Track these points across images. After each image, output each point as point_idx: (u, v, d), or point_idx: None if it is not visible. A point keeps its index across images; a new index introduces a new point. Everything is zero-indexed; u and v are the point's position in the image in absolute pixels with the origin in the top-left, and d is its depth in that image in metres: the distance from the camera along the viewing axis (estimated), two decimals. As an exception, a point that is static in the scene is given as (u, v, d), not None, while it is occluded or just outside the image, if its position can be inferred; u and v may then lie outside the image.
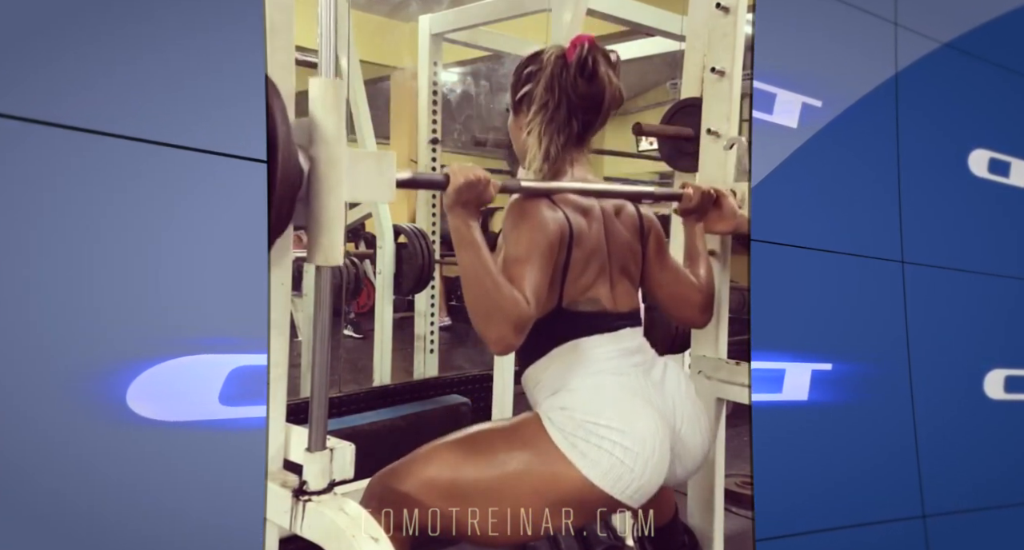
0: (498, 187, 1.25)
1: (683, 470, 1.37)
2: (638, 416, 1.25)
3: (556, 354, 1.33)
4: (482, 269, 1.19)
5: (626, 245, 1.42)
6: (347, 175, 1.11)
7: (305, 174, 1.10)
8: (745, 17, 1.70)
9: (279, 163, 1.04)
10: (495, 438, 1.28)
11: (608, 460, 1.21)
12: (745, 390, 1.54)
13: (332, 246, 1.10)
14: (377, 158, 1.16)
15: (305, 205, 1.11)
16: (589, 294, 1.34)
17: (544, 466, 1.22)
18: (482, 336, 1.19)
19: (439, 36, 3.19)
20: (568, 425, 1.23)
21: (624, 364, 1.33)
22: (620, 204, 1.45)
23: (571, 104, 1.33)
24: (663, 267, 1.48)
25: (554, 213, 1.30)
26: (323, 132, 1.10)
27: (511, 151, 1.59)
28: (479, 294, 1.19)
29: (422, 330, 3.27)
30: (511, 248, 1.25)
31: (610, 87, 1.35)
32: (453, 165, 1.23)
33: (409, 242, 2.99)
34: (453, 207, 1.22)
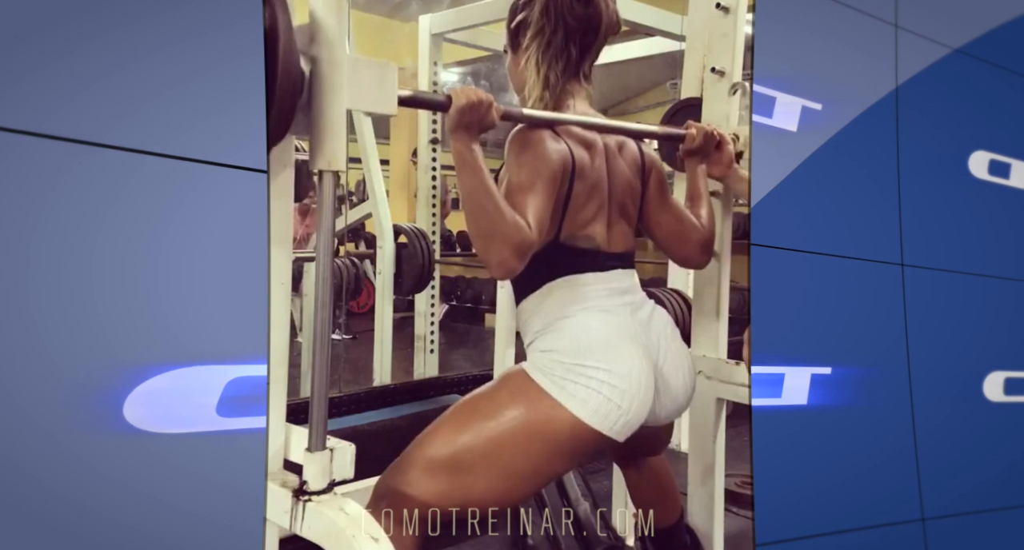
0: (501, 111, 1.24)
1: (663, 410, 1.37)
2: (624, 354, 1.26)
3: (549, 288, 1.33)
4: (484, 192, 1.18)
5: (627, 182, 1.41)
6: (349, 81, 1.09)
7: (306, 79, 1.09)
8: (745, 17, 1.70)
9: (279, 59, 1.02)
10: (482, 402, 1.28)
11: (596, 398, 1.22)
12: (745, 390, 1.54)
13: (335, 151, 1.09)
14: (379, 67, 1.14)
15: (306, 114, 1.10)
16: (586, 230, 1.34)
17: (536, 413, 1.23)
18: (483, 259, 1.19)
19: (439, 36, 3.19)
20: (557, 369, 1.24)
21: (613, 302, 1.33)
22: (622, 141, 1.43)
23: (568, 28, 1.33)
24: (663, 206, 1.47)
25: (557, 144, 1.29)
26: (324, 32, 1.08)
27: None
28: (480, 217, 1.18)
29: (422, 330, 3.27)
30: (514, 176, 1.25)
31: (607, 10, 1.35)
32: (456, 87, 1.22)
33: (409, 242, 2.99)
34: (455, 129, 1.21)
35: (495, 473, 1.23)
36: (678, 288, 2.57)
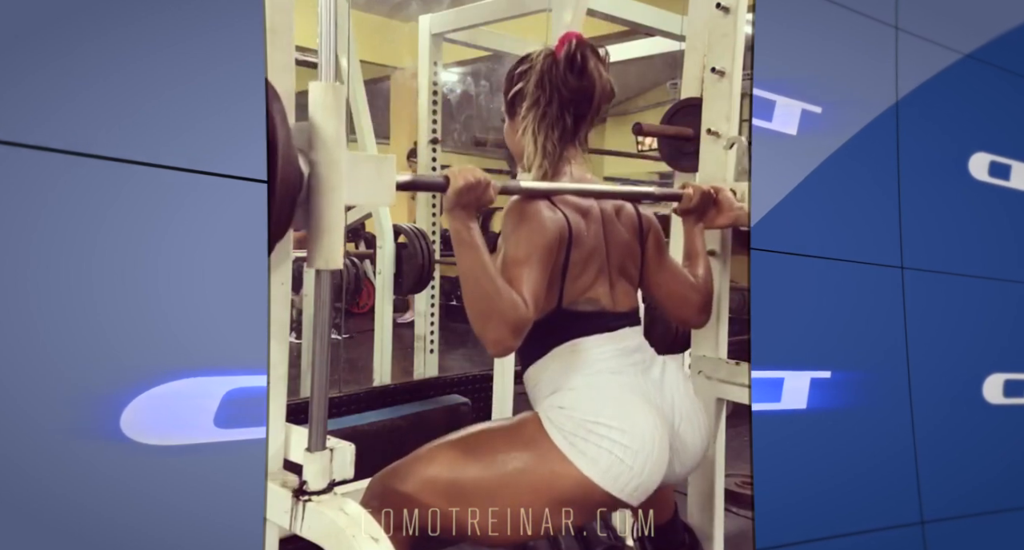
0: (498, 189, 1.25)
1: (682, 468, 1.37)
2: (637, 414, 1.25)
3: (556, 354, 1.33)
4: (481, 271, 1.19)
5: (625, 245, 1.42)
6: (347, 179, 1.11)
7: (305, 178, 1.10)
8: (745, 17, 1.70)
9: (279, 167, 1.05)
10: (495, 438, 1.28)
11: (607, 458, 1.21)
12: (745, 390, 1.54)
13: (332, 250, 1.11)
14: (377, 162, 1.17)
15: (305, 209, 1.12)
16: (588, 294, 1.35)
17: (543, 465, 1.22)
18: (480, 338, 1.20)
19: (439, 36, 3.18)
20: (567, 424, 1.23)
21: (623, 363, 1.33)
22: (619, 204, 1.45)
23: (562, 99, 1.34)
24: (661, 267, 1.48)
25: (553, 214, 1.30)
26: (323, 136, 1.10)
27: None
28: (478, 296, 1.19)
29: (422, 330, 3.27)
30: (511, 250, 1.26)
31: (600, 81, 1.36)
32: (453, 168, 1.23)
33: (409, 242, 2.99)
34: (453, 209, 1.22)
35: (493, 512, 1.22)
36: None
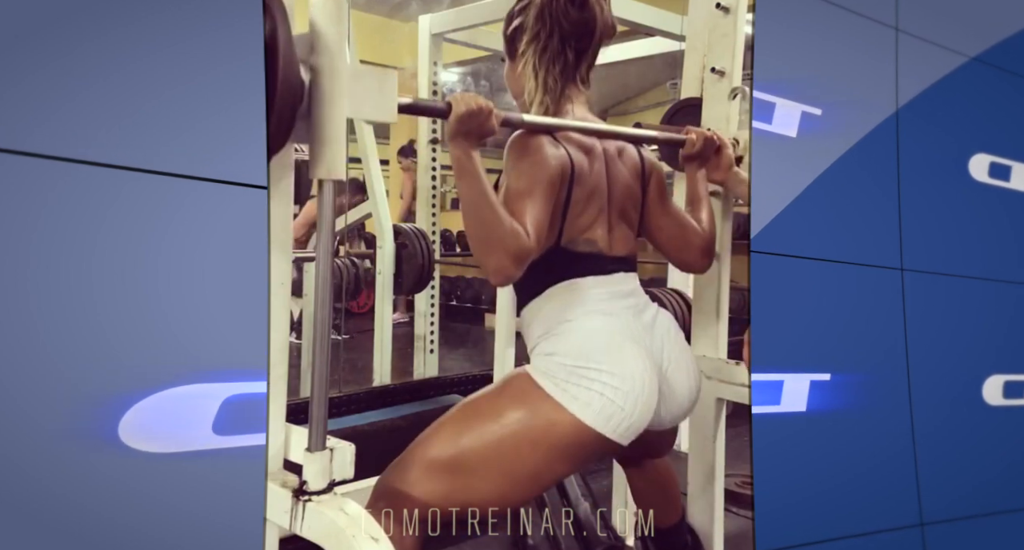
0: (500, 118, 1.24)
1: (668, 414, 1.37)
2: (627, 356, 1.26)
3: (551, 293, 1.34)
4: (482, 199, 1.18)
5: (627, 187, 1.41)
6: (349, 90, 1.09)
7: (306, 87, 1.08)
8: (745, 17, 1.70)
9: (279, 69, 1.02)
10: (484, 404, 1.28)
11: (599, 401, 1.22)
12: (745, 390, 1.54)
13: (334, 158, 1.09)
14: (379, 75, 1.14)
15: (306, 121, 1.10)
16: (587, 235, 1.34)
17: (538, 416, 1.22)
18: (482, 266, 1.19)
19: (439, 36, 3.19)
20: (560, 372, 1.24)
21: (616, 305, 1.33)
22: (622, 146, 1.44)
23: (563, 32, 1.33)
24: (664, 210, 1.47)
25: (556, 149, 1.29)
26: (325, 41, 1.08)
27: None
28: (479, 224, 1.18)
29: (422, 330, 3.27)
30: (512, 182, 1.25)
31: (601, 14, 1.35)
32: (456, 94, 1.22)
33: (409, 242, 2.99)
34: (454, 137, 1.21)
35: (497, 475, 1.22)
36: (678, 288, 2.57)
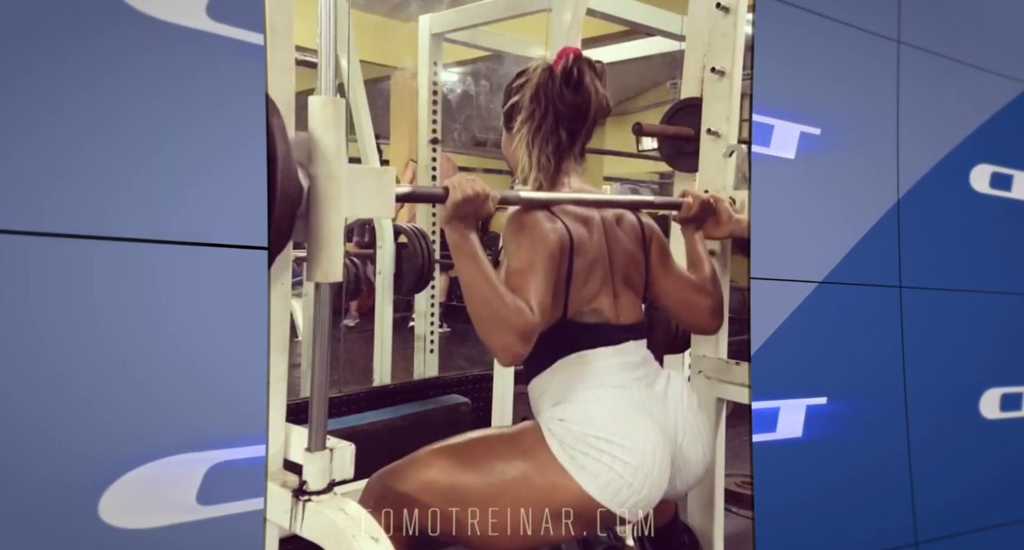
0: (496, 200, 1.25)
1: (683, 484, 1.37)
2: (638, 430, 1.25)
3: (560, 366, 1.33)
4: (483, 279, 1.19)
5: (628, 253, 1.42)
6: (347, 192, 1.11)
7: (305, 191, 1.10)
8: (745, 17, 1.70)
9: (278, 182, 1.04)
10: (494, 445, 1.28)
11: (607, 474, 1.21)
12: (745, 390, 1.54)
13: (332, 263, 1.11)
14: (377, 175, 1.17)
15: (304, 222, 1.12)
16: (593, 305, 1.34)
17: (542, 477, 1.22)
18: (488, 346, 1.19)
19: (439, 36, 3.18)
20: (567, 437, 1.23)
21: (627, 377, 1.33)
22: (620, 213, 1.44)
23: (557, 113, 1.34)
24: (668, 274, 1.47)
25: (553, 224, 1.30)
26: (323, 150, 1.10)
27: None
28: (481, 304, 1.19)
29: (422, 330, 3.27)
30: (513, 260, 1.25)
31: (596, 96, 1.35)
32: (452, 179, 1.23)
33: (409, 242, 2.99)
34: (451, 221, 1.22)
35: (488, 517, 1.22)
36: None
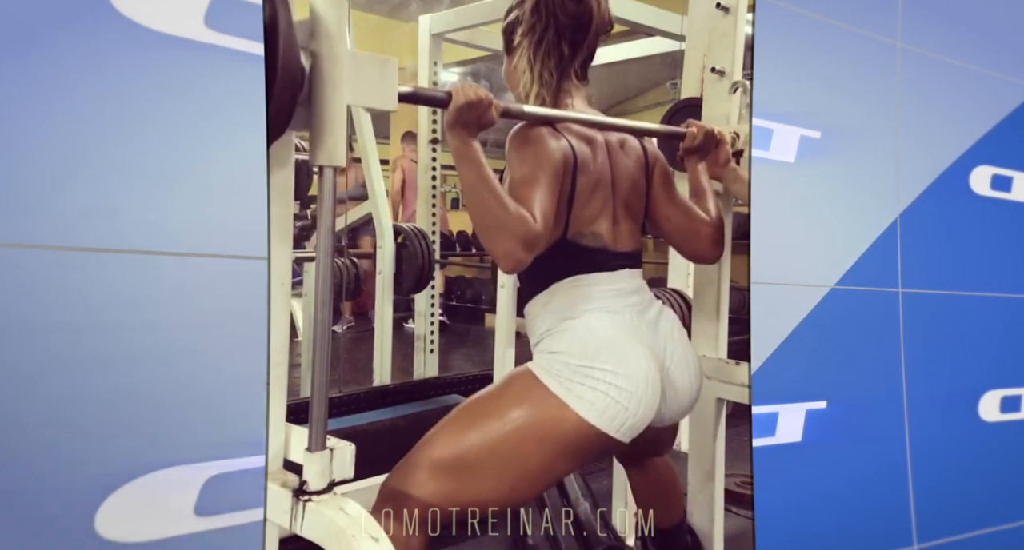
0: (500, 109, 1.24)
1: (669, 411, 1.37)
2: (630, 355, 1.26)
3: (555, 289, 1.33)
4: (484, 185, 1.18)
5: (631, 178, 1.41)
6: (349, 77, 1.09)
7: (306, 74, 1.08)
8: (745, 17, 1.70)
9: (280, 54, 1.02)
10: (488, 402, 1.28)
11: (603, 400, 1.22)
12: (745, 390, 1.54)
13: (335, 146, 1.09)
14: (380, 62, 1.14)
15: (306, 108, 1.10)
16: (592, 228, 1.34)
17: (542, 414, 1.22)
18: (490, 252, 1.19)
19: (439, 36, 3.19)
20: (564, 371, 1.24)
21: (620, 303, 1.33)
22: (623, 137, 1.43)
23: (559, 25, 1.33)
24: (670, 200, 1.47)
25: (557, 140, 1.29)
26: (325, 26, 1.08)
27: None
28: (483, 210, 1.18)
29: (422, 330, 3.27)
30: (516, 171, 1.25)
31: (598, 9, 1.35)
32: (456, 85, 1.22)
33: (409, 242, 2.99)
34: (453, 126, 1.21)
35: (501, 474, 1.22)
36: (678, 288, 2.57)
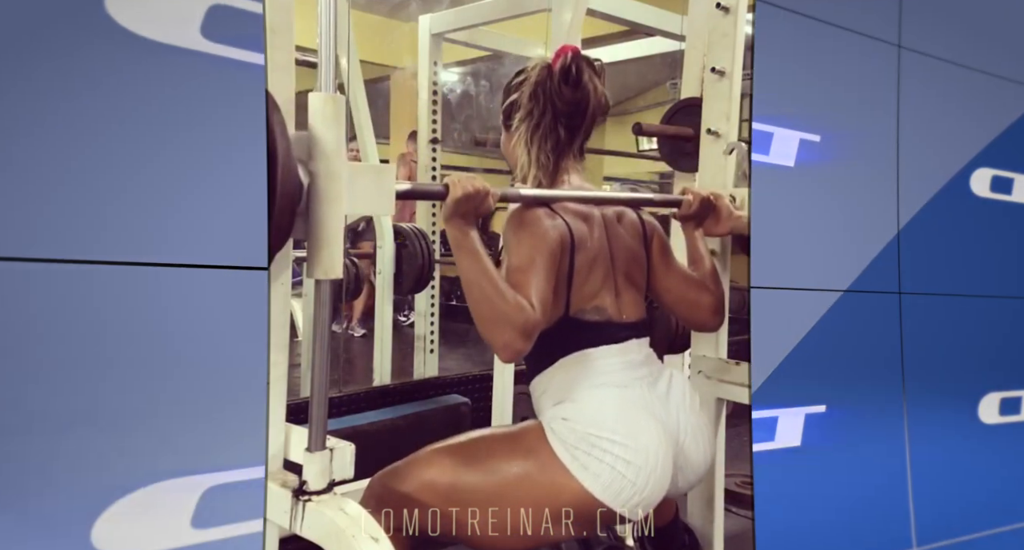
0: (497, 197, 1.25)
1: (685, 482, 1.37)
2: (641, 429, 1.25)
3: (562, 364, 1.33)
4: (483, 276, 1.19)
5: (630, 250, 1.41)
6: (347, 189, 1.11)
7: (305, 188, 1.10)
8: (745, 17, 1.70)
9: (278, 177, 1.04)
10: (496, 445, 1.28)
11: (609, 473, 1.21)
12: (745, 390, 1.54)
13: (332, 259, 1.11)
14: (376, 172, 1.18)
15: (304, 219, 1.12)
16: (595, 302, 1.34)
17: (544, 476, 1.22)
18: (489, 343, 1.19)
19: (439, 36, 3.18)
20: (570, 437, 1.23)
21: (629, 376, 1.32)
22: (620, 210, 1.44)
23: (556, 111, 1.34)
24: (669, 271, 1.47)
25: (553, 221, 1.30)
26: (323, 147, 1.10)
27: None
28: (482, 300, 1.19)
29: (422, 330, 3.27)
30: (513, 257, 1.25)
31: (595, 94, 1.35)
32: (452, 176, 1.23)
33: (409, 242, 2.99)
34: (451, 217, 1.22)
35: (489, 519, 1.21)
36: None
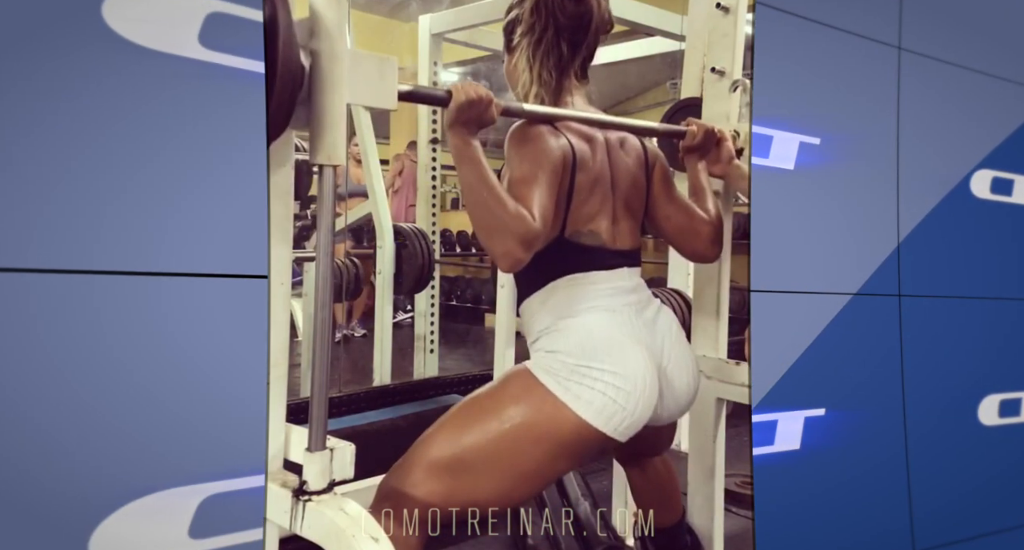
0: (500, 108, 1.24)
1: (666, 411, 1.37)
2: (628, 355, 1.26)
3: (553, 287, 1.33)
4: (484, 184, 1.18)
5: (631, 177, 1.40)
6: (348, 75, 1.09)
7: (306, 72, 1.08)
8: (745, 17, 1.70)
9: (279, 54, 1.02)
10: (485, 401, 1.28)
11: (601, 399, 1.22)
12: (745, 390, 1.54)
13: (334, 145, 1.09)
14: (380, 61, 1.14)
15: (306, 106, 1.10)
16: (591, 226, 1.34)
17: (540, 414, 1.22)
18: (489, 251, 1.19)
19: (439, 36, 3.19)
20: (562, 370, 1.24)
21: (618, 302, 1.33)
22: (623, 136, 1.43)
23: (558, 25, 1.32)
24: (670, 199, 1.47)
25: (557, 138, 1.29)
26: (324, 25, 1.08)
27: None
28: (482, 209, 1.18)
29: (422, 330, 3.27)
30: (515, 169, 1.25)
31: (598, 9, 1.35)
32: (456, 83, 1.22)
33: (409, 242, 2.99)
34: (453, 125, 1.22)
35: (499, 473, 1.22)
36: (678, 288, 2.57)
